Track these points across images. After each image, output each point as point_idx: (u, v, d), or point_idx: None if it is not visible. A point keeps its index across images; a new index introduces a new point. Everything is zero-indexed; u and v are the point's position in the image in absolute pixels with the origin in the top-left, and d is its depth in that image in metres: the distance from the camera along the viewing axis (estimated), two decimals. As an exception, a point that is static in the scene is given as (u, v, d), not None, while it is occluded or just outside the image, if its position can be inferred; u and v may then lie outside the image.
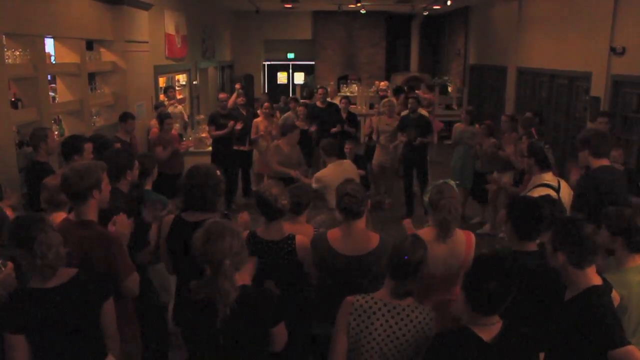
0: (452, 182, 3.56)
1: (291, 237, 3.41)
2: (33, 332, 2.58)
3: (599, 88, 8.79)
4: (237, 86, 11.13)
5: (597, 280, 2.71)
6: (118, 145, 5.91)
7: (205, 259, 2.51)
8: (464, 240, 3.44)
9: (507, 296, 2.36)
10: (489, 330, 2.38)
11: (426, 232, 3.43)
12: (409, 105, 8.64)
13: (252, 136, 8.86)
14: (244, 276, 2.70)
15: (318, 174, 5.93)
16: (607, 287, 2.80)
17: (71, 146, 4.93)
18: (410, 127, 8.33)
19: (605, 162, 4.37)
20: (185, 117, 10.71)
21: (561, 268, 2.72)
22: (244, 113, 9.28)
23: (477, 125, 8.23)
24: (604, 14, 8.64)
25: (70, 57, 7.32)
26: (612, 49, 8.45)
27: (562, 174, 4.81)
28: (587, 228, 2.68)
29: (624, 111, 8.34)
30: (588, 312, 2.61)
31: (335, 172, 5.78)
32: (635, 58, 8.05)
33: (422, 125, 8.40)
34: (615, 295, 2.96)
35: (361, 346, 2.69)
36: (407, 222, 3.86)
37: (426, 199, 3.50)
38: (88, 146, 4.96)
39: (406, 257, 2.68)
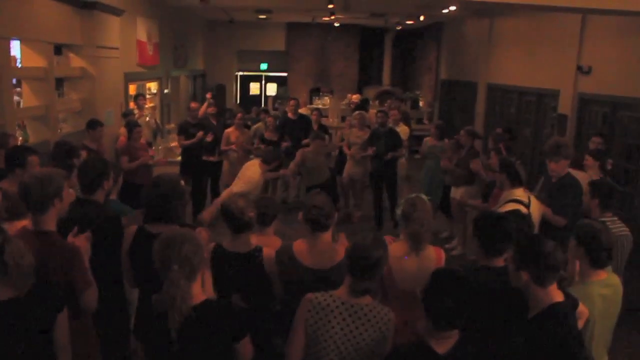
0: (424, 196, 3.56)
1: (258, 250, 3.35)
2: None
3: (566, 105, 8.96)
4: (208, 96, 11.07)
5: (558, 297, 2.71)
6: (84, 152, 5.79)
7: (159, 266, 2.47)
8: (434, 257, 3.43)
9: (464, 311, 2.39)
10: (445, 343, 2.42)
11: (397, 247, 3.42)
12: (378, 120, 8.67)
13: (223, 147, 8.77)
14: (208, 290, 2.64)
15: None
16: (570, 304, 2.81)
17: (13, 158, 4.49)
18: (380, 141, 8.35)
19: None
20: (156, 121, 10.54)
21: (524, 287, 2.72)
22: (214, 123, 9.19)
23: (446, 140, 8.29)
24: (572, 34, 8.83)
25: (37, 61, 7.15)
26: (579, 68, 8.64)
27: (530, 189, 4.85)
28: (548, 245, 2.68)
29: (590, 129, 8.50)
30: (550, 330, 2.61)
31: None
32: (600, 77, 8.24)
33: (392, 139, 8.42)
34: (582, 310, 2.97)
35: (319, 344, 2.69)
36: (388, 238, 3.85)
37: (399, 211, 3.50)
38: (33, 159, 4.49)
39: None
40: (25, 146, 4.79)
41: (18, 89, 7.35)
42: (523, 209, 4.31)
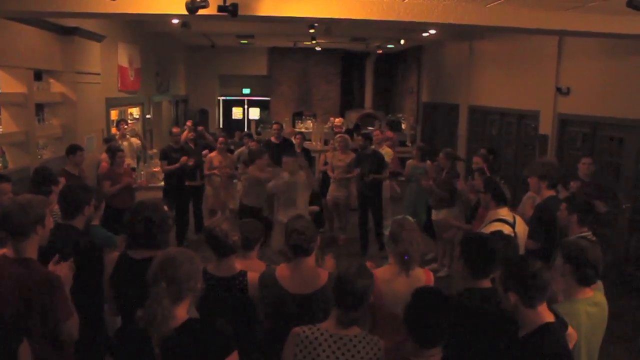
0: (410, 218, 3.55)
1: (242, 274, 3.31)
2: None
3: (546, 126, 9.07)
4: (188, 123, 11.06)
5: (549, 318, 2.70)
6: (63, 179, 5.69)
7: (150, 282, 2.45)
8: (423, 279, 3.41)
9: (446, 329, 2.40)
10: None
11: (386, 270, 3.40)
12: (360, 143, 8.70)
13: (206, 172, 8.72)
14: (192, 310, 2.59)
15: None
16: (560, 325, 2.79)
17: None
18: (364, 163, 8.36)
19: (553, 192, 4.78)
20: (140, 137, 10.48)
21: (513, 308, 2.70)
22: (192, 147, 9.12)
23: (428, 162, 8.33)
24: (550, 55, 8.98)
25: (17, 87, 7.10)
26: (558, 89, 8.76)
27: (513, 208, 4.87)
28: (536, 266, 2.68)
29: (570, 149, 8.60)
30: (541, 350, 2.59)
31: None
32: (578, 98, 8.36)
33: (375, 162, 8.44)
34: (572, 332, 2.95)
35: None
36: (369, 264, 3.82)
37: (387, 233, 3.48)
38: (4, 186, 4.43)
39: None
40: None
41: (-3, 115, 7.27)
42: (508, 229, 4.31)
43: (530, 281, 2.62)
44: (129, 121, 11.21)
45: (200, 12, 5.29)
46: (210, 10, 5.32)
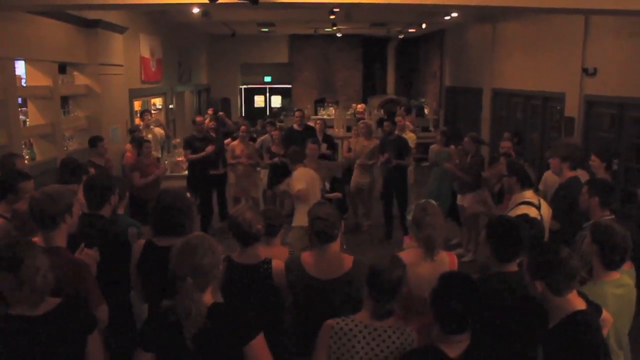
0: (433, 202, 3.53)
1: (267, 261, 3.33)
2: None
3: (572, 108, 8.92)
4: (209, 111, 11.11)
5: (580, 305, 2.64)
6: (92, 169, 5.78)
7: (174, 273, 2.44)
8: (447, 262, 3.40)
9: (473, 314, 2.37)
10: (457, 347, 2.40)
11: (410, 254, 3.39)
12: (385, 128, 8.65)
13: (229, 160, 8.77)
14: (217, 295, 2.61)
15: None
16: (592, 311, 2.73)
17: (3, 183, 4.25)
18: (388, 149, 8.33)
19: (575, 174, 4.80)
20: (164, 127, 10.56)
21: (542, 296, 2.66)
22: (214, 136, 9.16)
23: (452, 146, 8.26)
24: (576, 36, 8.80)
25: (42, 80, 7.20)
26: (584, 70, 8.59)
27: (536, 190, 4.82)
28: (563, 253, 2.63)
29: (597, 131, 8.45)
30: (573, 339, 2.55)
31: (305, 175, 6.19)
32: (606, 78, 8.19)
33: (399, 147, 8.40)
34: (607, 317, 2.91)
35: None
36: (407, 240, 3.83)
37: (409, 218, 3.46)
38: (25, 185, 4.17)
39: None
40: (19, 171, 4.59)
41: (24, 109, 7.38)
42: (534, 211, 4.26)
43: (557, 269, 2.57)
44: (152, 111, 11.31)
45: (221, 0, 5.29)
46: (231, -3, 5.32)
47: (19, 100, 6.87)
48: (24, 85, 7.15)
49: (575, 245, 3.59)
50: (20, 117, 6.94)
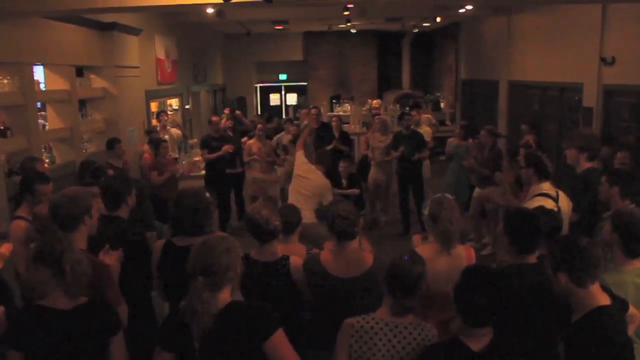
0: (450, 196, 3.52)
1: (285, 258, 3.34)
2: (33, 352, 2.48)
3: (590, 98, 8.80)
4: (226, 111, 11.16)
5: (604, 300, 2.60)
6: (110, 171, 5.85)
7: (189, 273, 2.47)
8: (464, 256, 3.39)
9: (497, 309, 2.36)
10: (480, 340, 2.39)
11: (426, 248, 3.38)
12: (404, 123, 8.62)
13: (245, 159, 8.80)
14: (236, 294, 2.62)
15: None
16: (618, 306, 2.69)
17: (22, 184, 4.34)
18: (404, 144, 8.31)
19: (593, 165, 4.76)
20: (181, 127, 10.61)
21: (565, 289, 2.63)
22: (231, 134, 9.20)
23: (470, 140, 8.20)
24: (593, 25, 8.67)
25: (60, 84, 7.28)
26: (602, 59, 8.47)
27: (557, 184, 4.76)
28: (583, 242, 2.60)
29: (617, 120, 8.33)
30: (593, 337, 2.51)
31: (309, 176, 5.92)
32: (625, 67, 8.06)
33: (416, 141, 8.38)
34: (634, 313, 2.87)
35: None
36: (416, 238, 3.80)
37: (426, 212, 3.45)
38: (44, 187, 4.18)
39: (406, 257, 2.67)
40: (37, 172, 4.66)
41: (43, 113, 7.48)
42: (551, 203, 4.22)
43: (579, 259, 2.54)
44: (169, 112, 11.39)
45: (235, -1, 5.31)
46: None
47: (38, 104, 6.96)
48: (43, 89, 7.25)
49: (595, 235, 3.56)
50: (40, 121, 7.04)
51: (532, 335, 2.80)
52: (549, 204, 4.15)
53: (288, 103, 19.67)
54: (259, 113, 17.97)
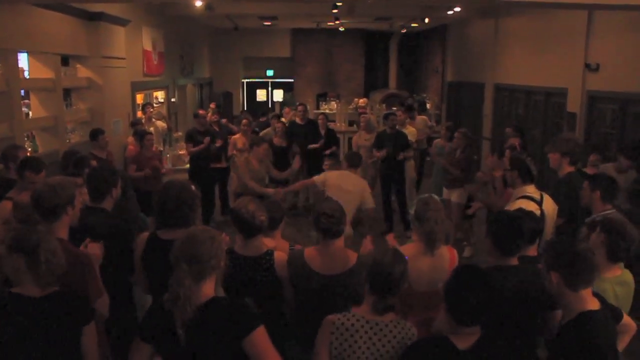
0: (436, 197, 3.54)
1: (269, 253, 3.34)
2: (3, 337, 2.47)
3: (575, 104, 8.90)
4: (212, 105, 11.11)
5: (593, 305, 2.61)
6: (94, 162, 5.80)
7: (173, 262, 2.48)
8: (447, 257, 3.41)
9: (487, 307, 2.36)
10: (467, 339, 2.39)
11: (410, 247, 3.40)
12: (389, 123, 8.65)
13: (229, 153, 8.78)
14: (219, 290, 2.62)
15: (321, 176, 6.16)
16: (607, 312, 2.69)
17: (18, 167, 4.57)
18: (388, 143, 8.33)
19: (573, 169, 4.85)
20: (164, 125, 10.54)
21: (555, 290, 2.64)
22: (217, 129, 9.18)
23: (454, 141, 8.24)
24: (578, 31, 8.78)
25: (45, 73, 7.21)
26: (587, 66, 8.57)
27: (541, 187, 4.81)
28: (583, 247, 2.61)
29: (600, 127, 8.44)
30: (579, 340, 2.51)
31: (338, 176, 6.07)
32: (608, 74, 8.17)
33: (400, 141, 8.41)
34: (628, 323, 2.89)
35: None
36: (389, 237, 3.81)
37: (412, 212, 3.46)
38: (33, 176, 4.42)
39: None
40: (34, 161, 4.75)
41: (26, 101, 7.39)
42: (533, 206, 4.26)
43: (575, 261, 2.55)
44: (154, 105, 11.31)
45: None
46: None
47: (22, 92, 6.88)
48: (27, 77, 7.16)
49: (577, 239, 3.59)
50: (23, 109, 6.96)
51: (516, 336, 2.82)
52: (531, 206, 4.19)
53: (274, 99, 19.62)
54: (245, 109, 17.91)
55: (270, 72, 19.76)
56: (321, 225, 3.29)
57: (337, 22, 14.47)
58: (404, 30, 17.47)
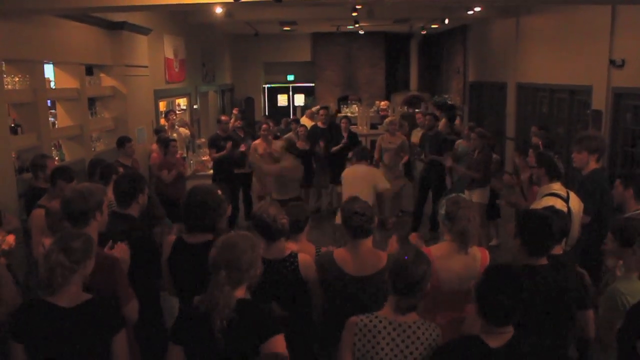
0: (464, 196, 3.51)
1: (293, 255, 3.33)
2: (34, 344, 2.50)
3: (600, 101, 8.77)
4: (235, 111, 11.18)
5: None
6: (120, 169, 5.87)
7: (211, 267, 2.49)
8: (479, 256, 3.36)
9: (519, 307, 2.35)
10: (500, 338, 2.37)
11: (441, 247, 3.37)
12: (426, 123, 8.60)
13: (250, 159, 8.81)
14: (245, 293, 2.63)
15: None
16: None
17: (51, 176, 4.78)
18: (426, 145, 8.31)
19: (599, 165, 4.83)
20: (187, 132, 10.64)
21: None
22: (242, 135, 9.25)
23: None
24: (602, 27, 8.64)
25: (70, 82, 7.32)
26: (612, 62, 8.44)
27: (565, 185, 4.74)
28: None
29: (626, 123, 8.30)
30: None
31: (348, 170, 6.50)
32: (634, 70, 8.03)
33: (437, 143, 8.35)
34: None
35: None
36: (413, 237, 3.77)
37: (442, 211, 3.41)
38: (64, 185, 4.55)
39: (406, 257, 2.64)
40: (65, 170, 4.89)
41: (53, 111, 7.52)
42: (560, 203, 4.19)
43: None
44: (177, 112, 11.43)
45: (244, -2, 5.32)
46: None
47: (48, 102, 6.99)
48: (53, 87, 7.28)
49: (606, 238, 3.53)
50: (50, 119, 7.07)
51: (547, 335, 2.79)
52: (557, 203, 4.13)
53: (296, 104, 19.68)
54: (266, 114, 17.99)
55: (291, 77, 19.83)
56: (353, 224, 3.27)
57: (356, 25, 14.46)
58: (424, 32, 17.38)
